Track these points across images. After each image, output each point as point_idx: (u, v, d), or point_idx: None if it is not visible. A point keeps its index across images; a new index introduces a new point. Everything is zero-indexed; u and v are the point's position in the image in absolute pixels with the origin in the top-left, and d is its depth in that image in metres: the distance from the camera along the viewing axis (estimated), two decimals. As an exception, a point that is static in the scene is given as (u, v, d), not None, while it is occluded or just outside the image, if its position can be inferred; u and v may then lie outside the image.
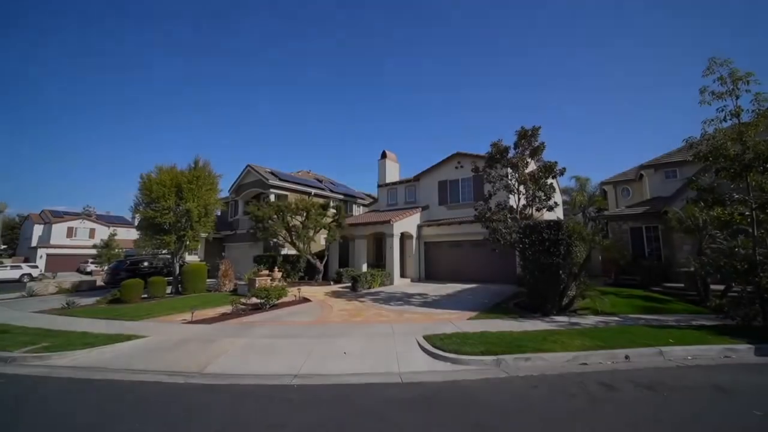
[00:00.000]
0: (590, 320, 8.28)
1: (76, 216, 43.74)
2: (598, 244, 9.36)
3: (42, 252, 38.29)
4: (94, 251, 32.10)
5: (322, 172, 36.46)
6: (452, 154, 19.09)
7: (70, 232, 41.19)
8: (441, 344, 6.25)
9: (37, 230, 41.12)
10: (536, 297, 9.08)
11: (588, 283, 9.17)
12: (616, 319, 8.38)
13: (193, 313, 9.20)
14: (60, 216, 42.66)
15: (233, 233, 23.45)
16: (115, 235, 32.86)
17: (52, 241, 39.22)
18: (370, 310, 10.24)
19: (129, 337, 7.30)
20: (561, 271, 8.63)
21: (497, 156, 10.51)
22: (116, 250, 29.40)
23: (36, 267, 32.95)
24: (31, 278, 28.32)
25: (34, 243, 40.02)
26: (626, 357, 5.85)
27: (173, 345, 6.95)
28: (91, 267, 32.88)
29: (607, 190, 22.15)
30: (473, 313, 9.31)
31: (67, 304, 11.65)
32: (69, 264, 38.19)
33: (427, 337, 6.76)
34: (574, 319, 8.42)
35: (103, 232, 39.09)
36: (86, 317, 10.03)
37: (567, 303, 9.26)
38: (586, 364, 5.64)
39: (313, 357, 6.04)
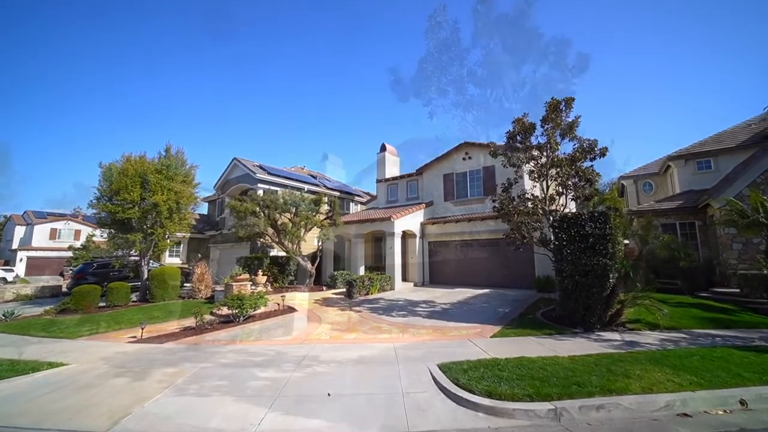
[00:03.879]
0: (649, 338, 6.43)
1: (61, 217, 41.64)
2: (653, 240, 7.51)
3: (22, 255, 36.25)
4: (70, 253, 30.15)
5: (320, 170, 34.46)
6: (459, 144, 17.21)
7: (54, 234, 39.14)
8: (466, 381, 4.36)
9: (19, 232, 39.02)
10: (576, 307, 7.20)
11: (642, 288, 7.29)
12: (684, 336, 6.52)
13: (143, 329, 7.28)
14: (43, 217, 40.55)
15: (219, 233, 21.53)
16: (93, 236, 30.78)
17: (34, 243, 37.19)
18: (368, 323, 8.35)
19: (38, 366, 5.39)
20: (610, 275, 6.77)
21: (521, 135, 8.62)
22: (93, 253, 27.38)
23: (12, 270, 31.05)
24: (6, 283, 26.40)
25: (15, 245, 37.94)
26: (741, 402, 3.99)
27: (94, 379, 5.04)
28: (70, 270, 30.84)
29: (626, 185, 20.28)
30: (495, 328, 7.44)
31: (4, 315, 9.71)
32: (52, 267, 36.14)
33: (444, 368, 4.88)
34: (627, 336, 6.58)
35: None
36: (15, 333, 8.12)
37: (612, 314, 7.39)
38: (688, 415, 3.77)
39: (282, 401, 4.16)
